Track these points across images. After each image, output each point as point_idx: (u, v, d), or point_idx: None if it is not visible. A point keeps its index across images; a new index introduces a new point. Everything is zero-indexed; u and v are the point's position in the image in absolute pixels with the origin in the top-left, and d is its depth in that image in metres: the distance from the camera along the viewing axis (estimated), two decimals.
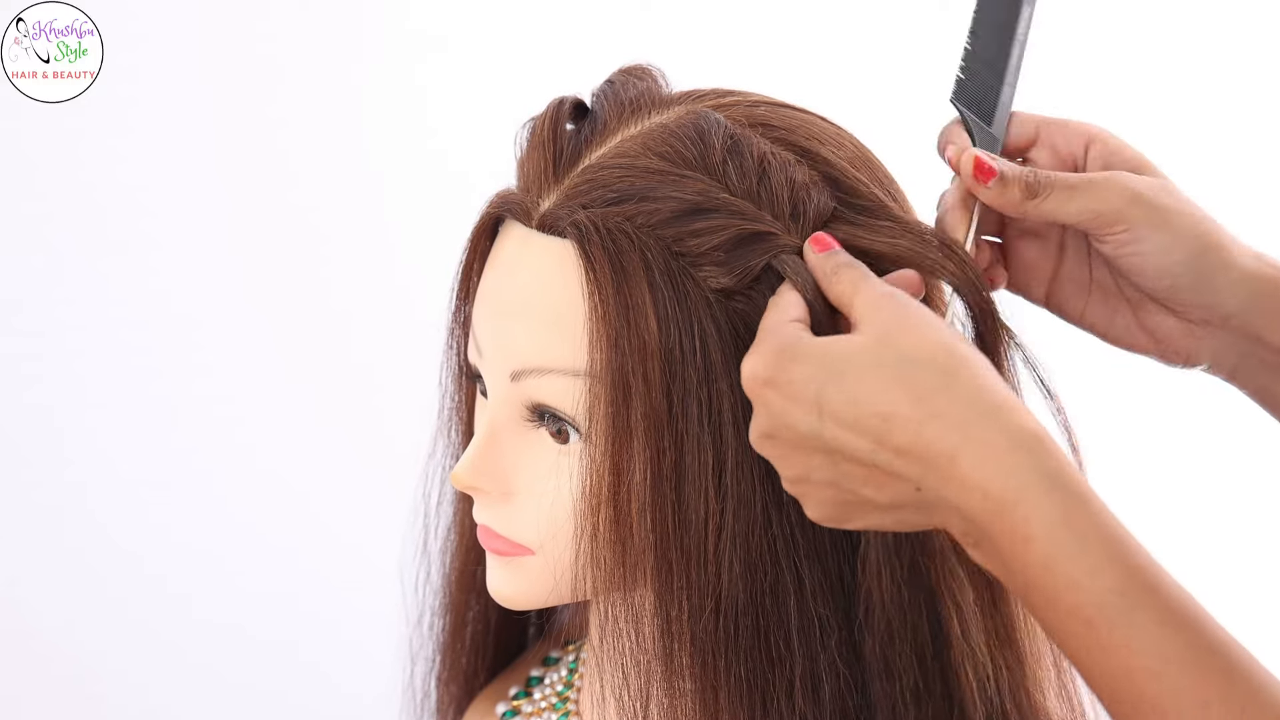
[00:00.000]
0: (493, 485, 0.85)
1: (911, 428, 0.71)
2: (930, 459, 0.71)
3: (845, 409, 0.72)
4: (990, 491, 0.70)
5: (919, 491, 0.72)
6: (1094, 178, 0.81)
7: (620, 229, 0.80)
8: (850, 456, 0.73)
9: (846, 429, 0.72)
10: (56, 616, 1.60)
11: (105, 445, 1.60)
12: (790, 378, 0.74)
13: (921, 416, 0.71)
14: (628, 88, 0.87)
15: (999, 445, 0.71)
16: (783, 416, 0.74)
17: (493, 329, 0.84)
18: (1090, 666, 0.70)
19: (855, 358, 0.73)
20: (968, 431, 0.71)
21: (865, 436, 0.72)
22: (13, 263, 1.55)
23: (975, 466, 0.70)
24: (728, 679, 0.80)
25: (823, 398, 0.73)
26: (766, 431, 0.75)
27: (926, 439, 0.71)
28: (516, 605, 0.88)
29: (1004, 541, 0.70)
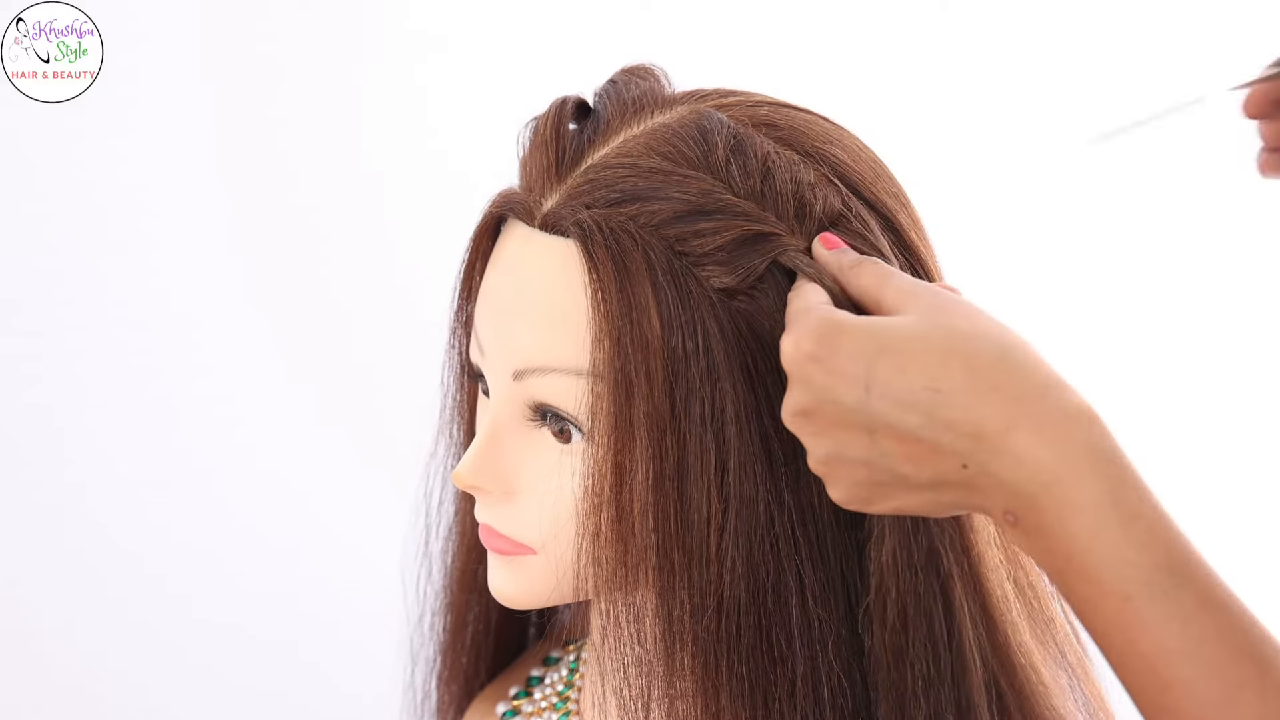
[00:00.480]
0: (495, 485, 0.85)
1: (967, 400, 0.71)
2: (984, 433, 0.71)
3: (896, 382, 0.72)
4: (1044, 464, 0.70)
5: (965, 469, 0.72)
6: None
7: (623, 228, 0.80)
8: (894, 433, 0.73)
9: (895, 403, 0.72)
10: (56, 616, 1.60)
11: (105, 445, 1.60)
12: (837, 350, 0.73)
13: (978, 389, 0.71)
14: (630, 87, 0.87)
15: (1054, 419, 0.71)
16: (827, 391, 0.73)
17: (495, 328, 0.84)
18: (1122, 646, 0.70)
19: (905, 332, 0.73)
20: (1023, 405, 0.71)
21: (914, 411, 0.72)
22: (13, 263, 1.55)
23: (1031, 439, 0.70)
24: (729, 679, 0.80)
25: (872, 372, 0.72)
26: (804, 408, 0.75)
27: (982, 412, 0.71)
28: (518, 605, 0.88)
29: (1050, 515, 0.70)
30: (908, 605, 0.80)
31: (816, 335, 0.74)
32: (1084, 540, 0.70)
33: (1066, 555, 0.71)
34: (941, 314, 0.74)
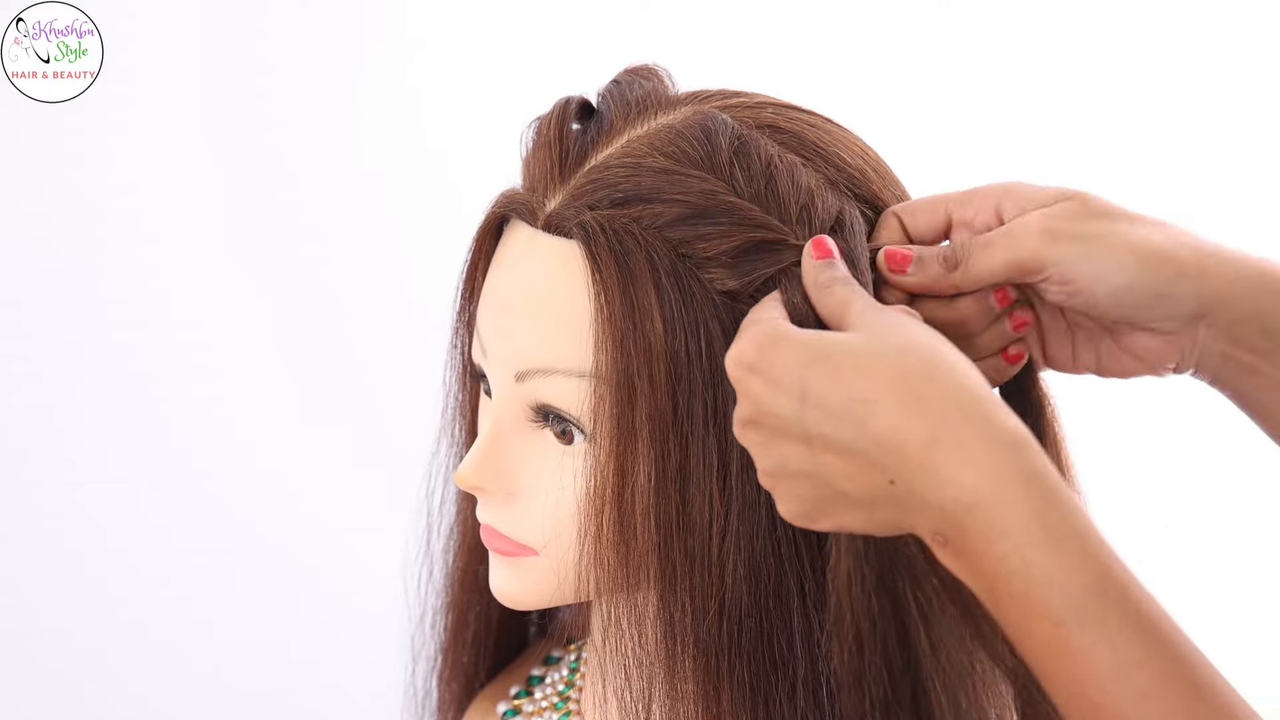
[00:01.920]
0: (496, 485, 0.85)
1: (892, 414, 0.70)
2: (907, 449, 0.70)
3: (829, 393, 0.72)
4: (966, 485, 0.69)
5: (893, 485, 0.71)
6: (1006, 228, 0.79)
7: (627, 230, 0.80)
8: (830, 446, 0.72)
9: (828, 414, 0.71)
10: (55, 618, 1.60)
11: (104, 445, 1.60)
12: (774, 361, 0.73)
13: (904, 401, 0.70)
14: (634, 88, 0.86)
15: (978, 439, 0.70)
16: (765, 402, 0.73)
17: (497, 329, 0.84)
18: (1053, 670, 0.69)
19: (841, 345, 0.73)
20: (947, 422, 0.70)
21: (846, 423, 0.71)
22: (12, 263, 1.55)
23: (952, 458, 0.69)
24: (730, 681, 0.80)
25: (806, 382, 0.72)
26: (748, 418, 0.74)
27: (907, 426, 0.70)
28: (520, 605, 0.88)
29: (977, 537, 0.69)
30: (862, 627, 0.78)
31: (757, 344, 0.74)
32: (1012, 563, 0.69)
33: (994, 578, 0.69)
34: (884, 331, 0.73)
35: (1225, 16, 1.70)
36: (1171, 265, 0.77)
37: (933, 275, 0.80)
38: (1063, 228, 0.78)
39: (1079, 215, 0.78)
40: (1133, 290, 0.77)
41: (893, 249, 0.81)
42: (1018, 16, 1.69)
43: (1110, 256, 0.77)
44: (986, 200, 0.82)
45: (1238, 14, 1.71)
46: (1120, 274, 0.77)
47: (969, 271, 0.79)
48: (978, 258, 0.79)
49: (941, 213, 0.83)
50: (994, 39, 1.69)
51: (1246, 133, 1.72)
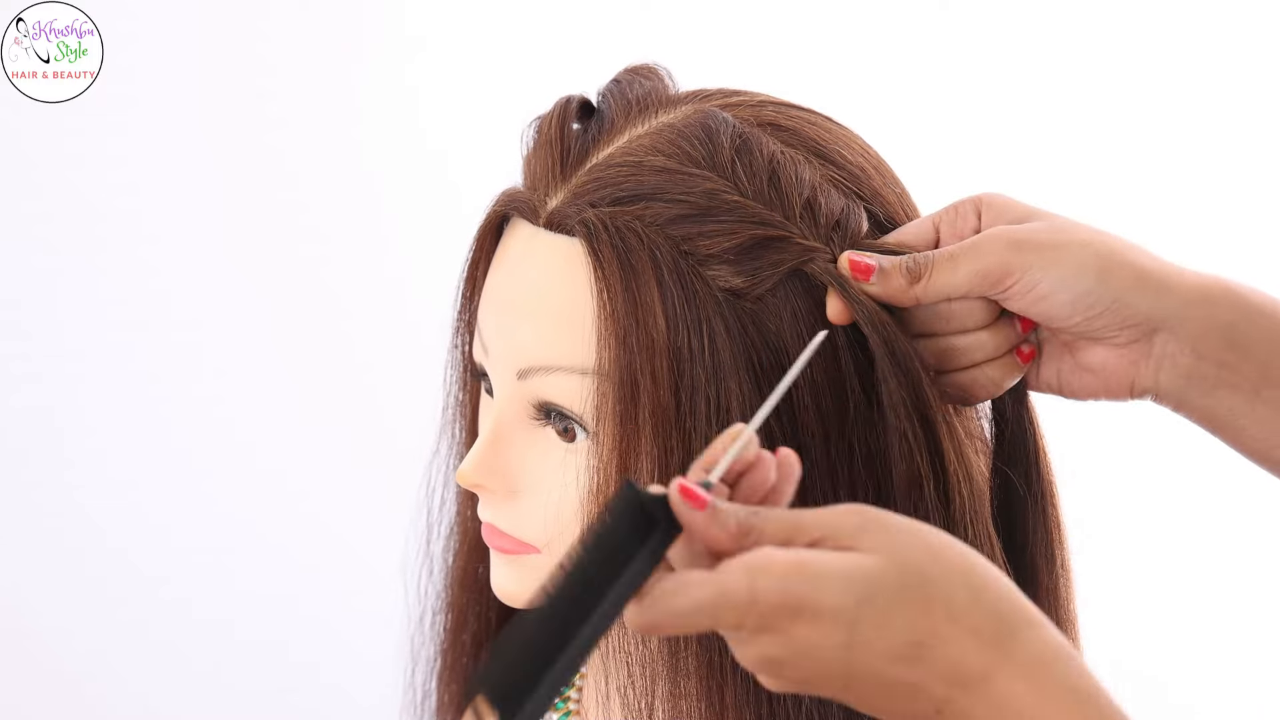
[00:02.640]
0: (498, 484, 0.85)
1: (949, 650, 0.68)
2: (963, 679, 0.68)
3: (878, 638, 0.67)
4: (1025, 706, 0.68)
5: (939, 714, 0.69)
6: (971, 240, 0.80)
7: (629, 228, 0.80)
8: (875, 681, 0.68)
9: (878, 657, 0.68)
10: (55, 618, 1.59)
11: (104, 445, 1.60)
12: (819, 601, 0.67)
13: (958, 637, 0.68)
14: (634, 87, 0.86)
15: (1031, 659, 0.68)
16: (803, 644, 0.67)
17: (499, 327, 0.84)
18: None
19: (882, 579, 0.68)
20: (1002, 648, 0.68)
21: (900, 664, 0.68)
22: (12, 263, 1.55)
23: (1010, 685, 0.68)
24: (733, 678, 0.80)
25: (855, 629, 0.67)
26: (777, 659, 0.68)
27: (964, 660, 0.68)
28: (522, 604, 0.88)
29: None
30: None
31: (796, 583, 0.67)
32: None
33: None
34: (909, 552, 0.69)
35: (1226, 17, 1.70)
36: (1130, 271, 0.78)
37: (895, 287, 0.80)
38: (1027, 238, 0.79)
39: (1047, 229, 0.80)
40: (1090, 295, 0.78)
41: (856, 257, 0.80)
42: (1018, 17, 1.69)
43: (1071, 262, 0.78)
44: (968, 211, 0.83)
45: (1238, 14, 1.71)
46: (1080, 279, 0.78)
47: (932, 284, 0.79)
48: (941, 269, 0.79)
49: (930, 228, 0.83)
50: (994, 39, 1.69)
51: (1247, 133, 1.72)
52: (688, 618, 0.67)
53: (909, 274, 0.80)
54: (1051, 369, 0.83)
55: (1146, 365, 0.80)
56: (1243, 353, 0.78)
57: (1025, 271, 0.78)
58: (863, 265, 0.80)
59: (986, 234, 0.80)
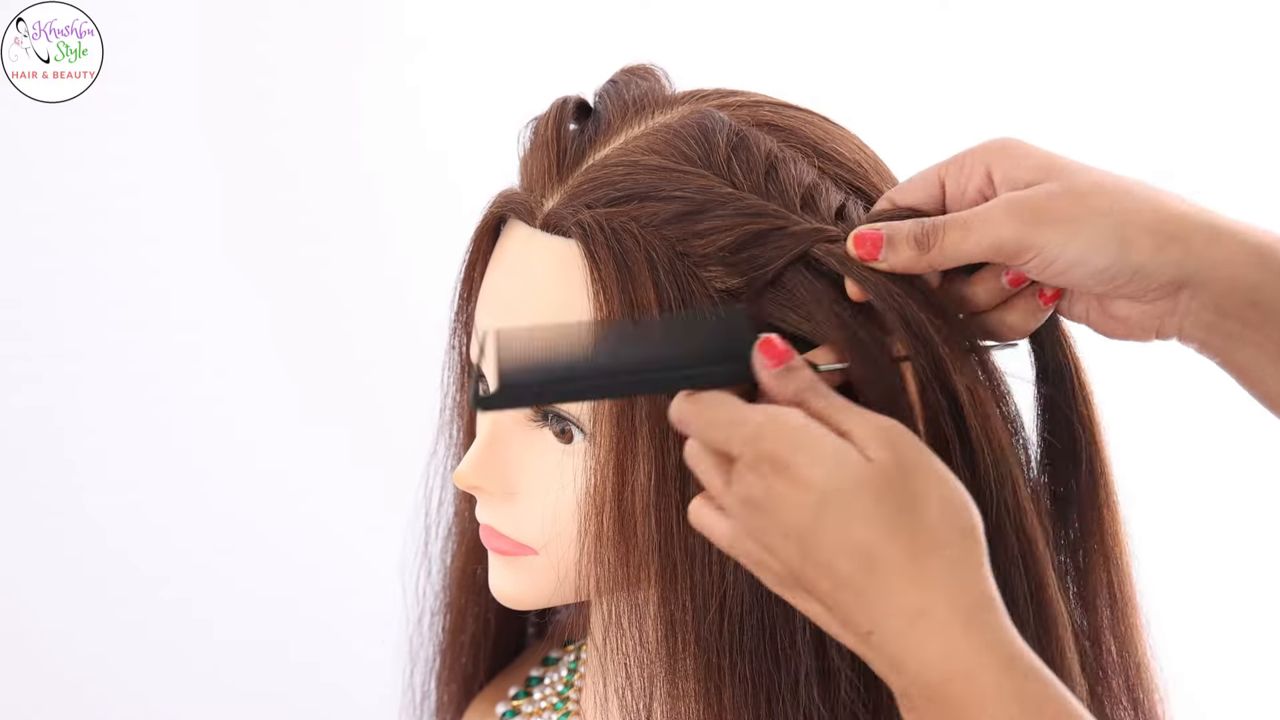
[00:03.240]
0: (496, 485, 0.85)
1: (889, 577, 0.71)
2: (893, 614, 0.71)
3: (841, 530, 0.71)
4: (945, 664, 0.70)
5: (870, 635, 0.72)
6: (984, 208, 0.78)
7: (625, 229, 0.80)
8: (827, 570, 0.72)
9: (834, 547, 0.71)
10: (55, 618, 1.59)
11: (104, 446, 1.60)
12: (800, 466, 0.72)
13: (902, 564, 0.71)
14: (631, 87, 0.87)
15: (964, 616, 0.71)
16: (776, 498, 0.72)
17: None
18: None
19: (869, 482, 0.72)
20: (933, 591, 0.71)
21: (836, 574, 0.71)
22: (12, 263, 1.55)
23: (934, 636, 0.70)
24: (732, 678, 0.80)
25: (826, 507, 0.71)
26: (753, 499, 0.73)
27: (898, 591, 0.71)
28: (519, 605, 0.88)
29: (949, 707, 0.70)
30: None
31: (790, 440, 0.72)
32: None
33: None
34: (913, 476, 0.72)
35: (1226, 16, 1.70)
36: (1150, 240, 0.77)
37: (905, 259, 0.79)
38: (1044, 210, 0.78)
39: (1059, 196, 0.78)
40: (1111, 269, 0.77)
41: (861, 231, 0.79)
42: (1018, 16, 1.69)
43: (1090, 236, 0.77)
44: (977, 164, 0.81)
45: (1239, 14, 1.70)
46: (1100, 254, 0.77)
47: (944, 252, 0.78)
48: (953, 239, 0.78)
49: (935, 182, 0.82)
50: (994, 39, 1.69)
51: (1248, 132, 1.72)
52: (710, 427, 0.74)
53: (917, 244, 0.78)
54: (1081, 307, 0.83)
55: (1171, 318, 0.79)
56: (1266, 313, 0.77)
57: (1043, 248, 0.77)
58: (870, 238, 0.79)
59: (1000, 203, 0.78)
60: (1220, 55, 1.70)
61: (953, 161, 0.82)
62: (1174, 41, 1.70)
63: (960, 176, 0.82)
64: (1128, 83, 1.70)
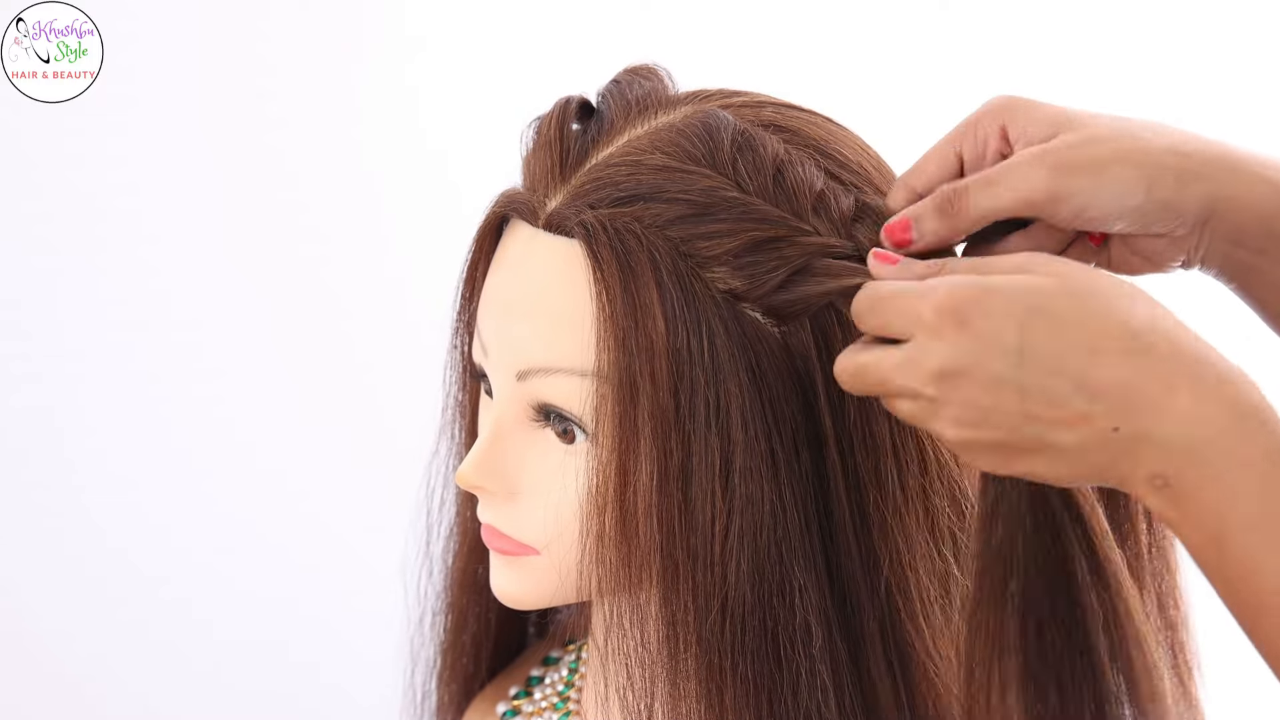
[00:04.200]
0: (498, 485, 0.85)
1: (1122, 363, 0.70)
2: (1141, 396, 0.69)
3: (1050, 345, 0.70)
4: (1208, 419, 0.69)
5: (1116, 431, 0.70)
6: (1007, 163, 0.79)
7: (628, 229, 0.80)
8: (1049, 400, 0.70)
9: (1050, 370, 0.70)
10: (55, 618, 1.59)
11: (104, 446, 1.60)
12: (988, 312, 0.71)
13: (1130, 352, 0.70)
14: (634, 87, 0.87)
15: (1213, 378, 0.70)
16: (976, 354, 0.71)
17: (498, 328, 0.84)
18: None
19: (1055, 292, 0.71)
20: (1182, 363, 0.70)
21: (1068, 376, 0.70)
22: (12, 263, 1.55)
23: (1189, 398, 0.69)
24: (733, 679, 0.80)
25: (1025, 335, 0.70)
26: (950, 369, 0.72)
27: (1139, 374, 0.70)
28: (521, 605, 0.88)
29: (1211, 469, 0.69)
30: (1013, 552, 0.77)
31: (962, 296, 0.71)
32: (1255, 495, 0.68)
33: (1222, 513, 0.69)
34: (1083, 276, 0.72)
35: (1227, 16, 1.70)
36: (1171, 175, 0.78)
37: (934, 230, 0.79)
38: (1069, 160, 0.78)
39: (1081, 145, 0.79)
40: (1141, 209, 0.78)
41: (889, 225, 0.80)
42: (1018, 16, 1.69)
43: (1117, 181, 0.78)
44: (992, 125, 0.82)
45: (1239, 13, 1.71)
46: (1130, 196, 0.78)
47: (973, 211, 0.79)
48: (979, 196, 0.79)
49: (951, 156, 0.82)
50: (994, 39, 1.69)
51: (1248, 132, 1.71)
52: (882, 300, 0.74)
53: (943, 213, 0.79)
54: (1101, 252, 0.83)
55: (1194, 249, 0.80)
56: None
57: (1074, 195, 0.77)
58: (898, 227, 0.80)
59: (1025, 156, 0.79)
60: (1220, 55, 1.71)
61: (964, 129, 0.83)
62: (1174, 41, 1.70)
63: (976, 142, 0.82)
64: (1127, 82, 1.70)
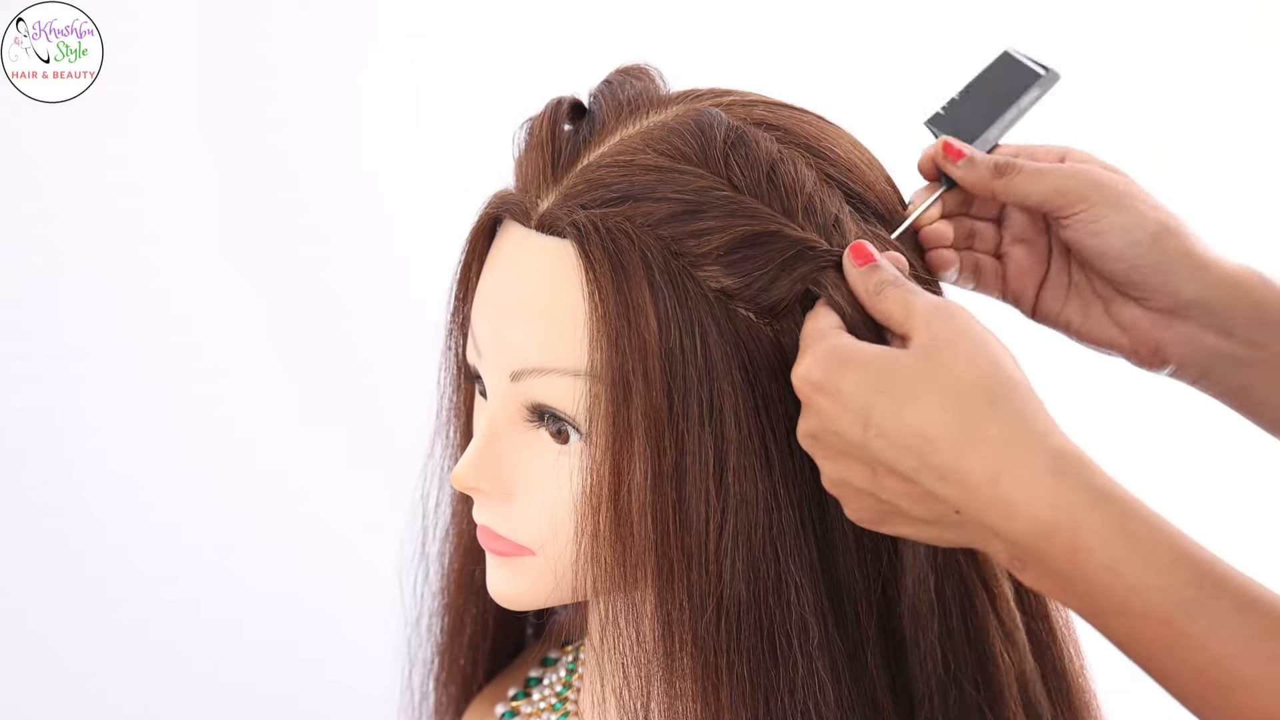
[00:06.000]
0: (493, 486, 0.85)
1: (954, 451, 0.72)
2: (972, 484, 0.72)
3: (891, 424, 0.73)
4: (1037, 514, 0.71)
5: (958, 514, 0.73)
6: (1060, 165, 0.87)
7: (620, 229, 0.79)
8: (892, 471, 0.74)
9: (890, 445, 0.73)
10: (56, 618, 1.60)
11: (104, 445, 1.60)
12: (839, 385, 0.74)
13: (965, 440, 0.72)
14: (625, 87, 0.86)
15: (1042, 468, 0.71)
16: (830, 422, 0.75)
17: (492, 329, 0.84)
18: (1172, 667, 0.70)
19: (905, 373, 0.74)
20: (1011, 455, 0.71)
21: (909, 454, 0.73)
22: (12, 263, 1.55)
23: (1019, 490, 0.71)
24: (729, 677, 0.80)
25: (870, 411, 0.74)
26: (812, 433, 0.76)
27: (969, 463, 0.72)
28: (517, 605, 0.88)
29: (1059, 561, 0.71)
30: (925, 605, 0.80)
31: (824, 366, 0.75)
32: (1104, 579, 0.70)
33: (1088, 595, 0.71)
34: (945, 352, 0.74)
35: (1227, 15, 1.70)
36: (1180, 245, 0.84)
37: (978, 176, 0.87)
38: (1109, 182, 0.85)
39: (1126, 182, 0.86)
40: (1141, 247, 0.84)
41: (952, 142, 0.88)
42: (1018, 17, 1.69)
43: (1135, 214, 0.84)
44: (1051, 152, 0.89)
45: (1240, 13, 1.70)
46: (1138, 230, 0.84)
47: (1012, 185, 0.86)
48: (1026, 177, 0.86)
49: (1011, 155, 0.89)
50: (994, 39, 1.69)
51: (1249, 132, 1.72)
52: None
53: (995, 170, 0.86)
54: (1079, 310, 0.88)
55: (1174, 338, 0.84)
56: (1276, 332, 0.83)
57: (1094, 205, 0.85)
58: (956, 149, 0.88)
59: (1074, 164, 0.87)
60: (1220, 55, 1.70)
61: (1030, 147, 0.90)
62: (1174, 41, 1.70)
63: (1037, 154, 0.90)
64: (1127, 82, 1.70)
